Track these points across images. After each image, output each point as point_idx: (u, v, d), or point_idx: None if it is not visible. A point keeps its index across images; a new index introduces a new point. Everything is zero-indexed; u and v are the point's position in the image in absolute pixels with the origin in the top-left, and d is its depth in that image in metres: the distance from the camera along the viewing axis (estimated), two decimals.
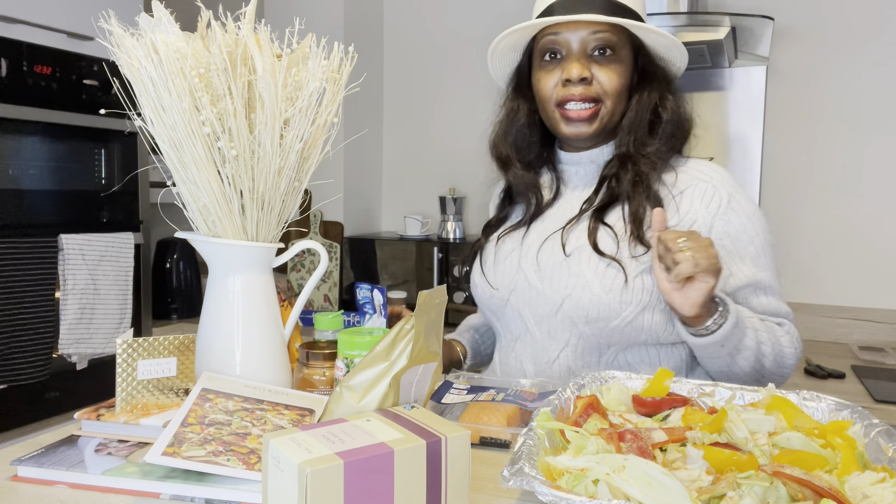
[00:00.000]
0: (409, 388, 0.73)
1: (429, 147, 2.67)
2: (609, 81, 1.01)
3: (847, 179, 2.03)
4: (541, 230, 1.10)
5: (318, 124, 0.89)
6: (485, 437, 0.86)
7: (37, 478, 0.73)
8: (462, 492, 0.64)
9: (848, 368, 1.70)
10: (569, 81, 1.01)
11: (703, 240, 0.90)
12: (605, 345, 1.04)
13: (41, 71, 1.65)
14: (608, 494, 0.58)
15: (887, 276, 2.00)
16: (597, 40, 1.00)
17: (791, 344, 1.01)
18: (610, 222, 1.03)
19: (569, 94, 1.01)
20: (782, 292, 1.06)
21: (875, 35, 1.97)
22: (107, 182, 1.84)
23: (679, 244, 0.89)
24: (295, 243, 1.17)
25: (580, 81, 1.00)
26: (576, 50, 1.01)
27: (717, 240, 1.01)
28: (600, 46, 1.01)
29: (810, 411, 0.79)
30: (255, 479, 0.69)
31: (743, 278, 1.02)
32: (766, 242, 1.04)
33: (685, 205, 1.04)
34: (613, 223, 1.03)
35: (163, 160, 0.85)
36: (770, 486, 0.58)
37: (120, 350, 0.84)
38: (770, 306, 1.03)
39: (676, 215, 1.03)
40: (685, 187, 1.05)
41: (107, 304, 1.78)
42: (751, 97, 2.10)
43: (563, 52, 1.02)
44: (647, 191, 1.02)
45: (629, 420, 0.76)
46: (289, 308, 1.12)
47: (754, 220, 1.04)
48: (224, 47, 0.80)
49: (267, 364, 0.88)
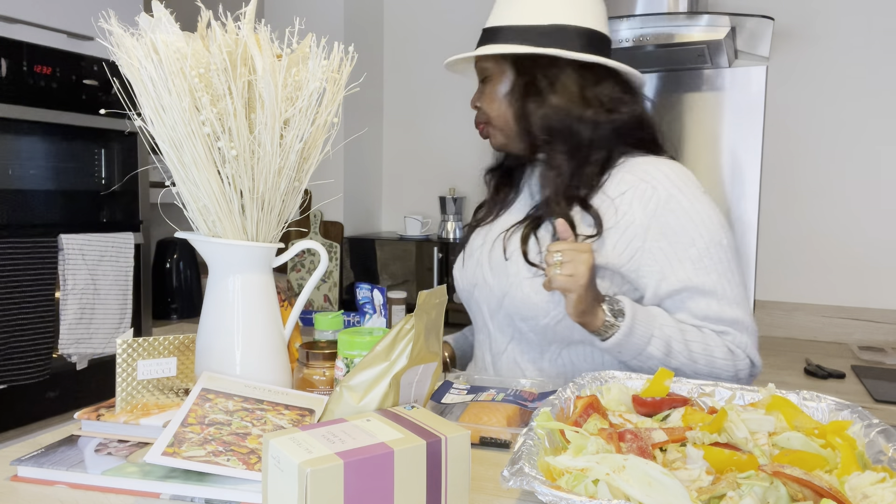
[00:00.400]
0: (409, 388, 0.73)
1: (429, 147, 2.67)
2: (488, 105, 1.10)
3: (847, 179, 2.03)
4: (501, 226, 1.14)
5: (318, 124, 0.89)
6: (485, 437, 0.86)
7: (37, 478, 0.73)
8: (462, 492, 0.64)
9: (848, 368, 1.70)
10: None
11: (580, 254, 0.92)
12: (544, 342, 1.07)
13: (41, 71, 1.65)
14: (608, 494, 0.58)
15: (887, 276, 2.00)
16: (480, 71, 1.12)
17: (726, 357, 0.97)
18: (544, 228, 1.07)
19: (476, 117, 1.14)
20: (739, 297, 1.00)
21: (875, 35, 1.97)
22: (107, 182, 1.84)
23: (554, 257, 0.93)
24: (295, 243, 1.17)
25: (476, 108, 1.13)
26: (478, 80, 1.14)
27: (654, 241, 1.00)
28: (482, 76, 1.12)
29: (810, 411, 0.79)
30: (255, 479, 0.69)
31: (676, 282, 0.99)
32: (712, 244, 0.99)
33: (624, 206, 1.02)
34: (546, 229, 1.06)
35: (163, 160, 0.85)
36: (770, 486, 0.58)
37: (120, 350, 0.84)
38: (710, 311, 0.99)
39: (614, 217, 1.02)
40: (627, 188, 1.03)
41: (107, 304, 1.78)
42: (751, 97, 2.10)
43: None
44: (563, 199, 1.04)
45: (629, 420, 0.77)
46: (289, 308, 1.12)
47: (698, 221, 1.00)
48: (224, 47, 0.80)
49: (267, 364, 0.88)
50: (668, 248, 1.00)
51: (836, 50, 2.02)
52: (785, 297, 2.10)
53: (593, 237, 1.01)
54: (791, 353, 1.87)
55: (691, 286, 0.99)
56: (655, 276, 1.00)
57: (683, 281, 0.99)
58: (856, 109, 2.00)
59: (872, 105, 1.99)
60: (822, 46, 2.03)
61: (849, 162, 2.02)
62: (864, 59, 1.99)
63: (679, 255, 0.99)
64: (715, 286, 0.99)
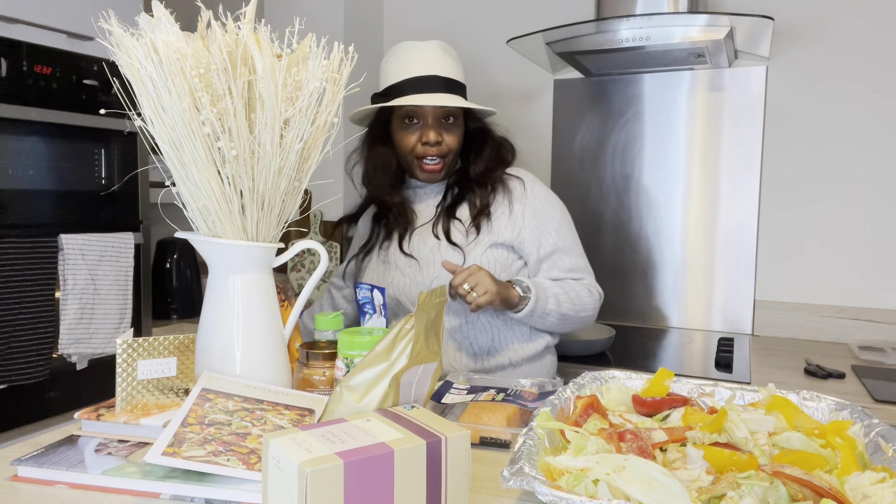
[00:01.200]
0: (409, 388, 0.73)
1: None
2: (453, 141, 1.40)
3: (847, 179, 2.02)
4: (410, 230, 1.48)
5: (318, 124, 0.89)
6: (485, 437, 0.86)
7: (37, 478, 0.73)
8: (462, 492, 0.64)
9: (848, 368, 1.70)
10: (426, 143, 1.37)
11: (477, 274, 1.21)
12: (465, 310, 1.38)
13: (41, 71, 1.65)
14: (608, 494, 0.58)
15: (887, 276, 2.00)
16: (445, 112, 1.38)
17: (588, 294, 1.38)
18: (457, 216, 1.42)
19: (426, 151, 1.38)
20: (582, 252, 1.44)
21: (875, 35, 1.97)
22: (107, 182, 1.84)
23: (464, 288, 1.20)
24: (295, 243, 1.17)
25: (435, 144, 1.37)
26: (431, 120, 1.37)
27: (530, 216, 1.39)
28: (446, 115, 1.38)
29: (810, 411, 0.79)
30: (255, 479, 0.69)
31: (549, 245, 1.39)
32: (563, 218, 1.43)
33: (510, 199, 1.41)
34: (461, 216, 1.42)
35: (163, 160, 0.85)
36: (770, 486, 0.58)
37: (120, 350, 0.84)
38: (571, 264, 1.40)
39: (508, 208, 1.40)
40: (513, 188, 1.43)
41: (107, 304, 1.78)
42: (751, 97, 2.10)
43: (419, 119, 1.38)
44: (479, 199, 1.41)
45: (629, 420, 0.77)
46: (289, 308, 1.12)
47: (551, 202, 1.43)
48: (224, 47, 0.80)
49: (267, 364, 0.88)
50: (539, 223, 1.40)
51: (836, 50, 2.02)
52: (785, 297, 2.10)
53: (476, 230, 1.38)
54: (791, 353, 1.87)
55: (558, 248, 1.39)
56: (534, 244, 1.39)
57: (553, 244, 1.39)
58: (856, 109, 2.00)
59: (872, 105, 1.99)
60: (822, 46, 2.03)
61: (848, 162, 2.02)
62: (864, 59, 1.99)
63: (546, 227, 1.40)
64: (571, 245, 1.42)
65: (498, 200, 1.41)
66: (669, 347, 1.95)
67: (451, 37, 2.54)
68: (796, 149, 2.08)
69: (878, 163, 1.99)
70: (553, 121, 2.37)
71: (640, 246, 2.26)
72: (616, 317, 2.29)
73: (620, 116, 2.26)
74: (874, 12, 1.97)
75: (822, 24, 2.03)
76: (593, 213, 2.30)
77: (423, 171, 1.40)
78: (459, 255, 1.37)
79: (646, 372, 1.37)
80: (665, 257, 2.23)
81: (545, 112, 2.40)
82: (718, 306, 2.17)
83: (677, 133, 2.19)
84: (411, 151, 1.39)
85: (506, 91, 2.46)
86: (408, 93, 1.36)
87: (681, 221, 2.20)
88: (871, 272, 2.01)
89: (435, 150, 1.38)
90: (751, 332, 2.13)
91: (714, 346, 1.95)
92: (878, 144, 1.99)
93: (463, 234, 1.39)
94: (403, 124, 1.39)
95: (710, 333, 2.13)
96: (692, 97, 2.17)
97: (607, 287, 2.31)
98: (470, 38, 2.50)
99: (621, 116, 2.26)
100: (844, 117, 2.02)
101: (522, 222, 1.39)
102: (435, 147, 1.37)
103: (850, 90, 2.01)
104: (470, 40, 2.50)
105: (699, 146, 2.17)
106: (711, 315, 2.18)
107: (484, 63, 2.48)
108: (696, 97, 2.16)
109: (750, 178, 2.12)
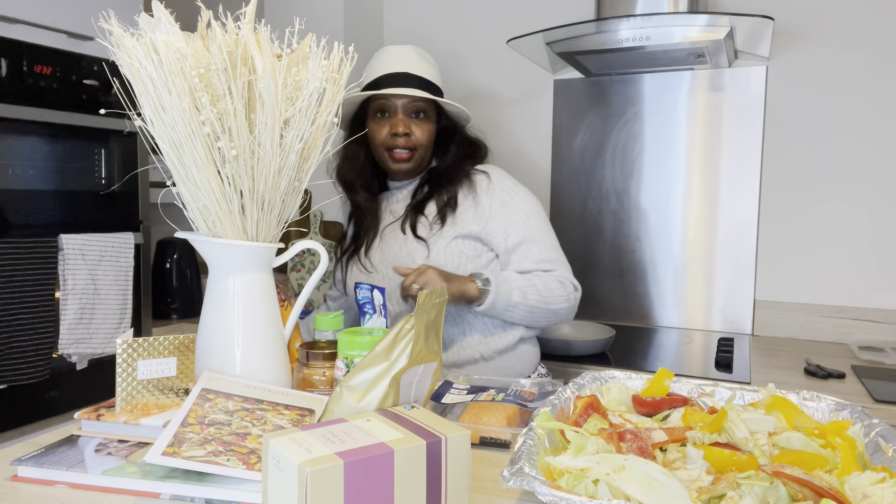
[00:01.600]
0: (409, 388, 0.73)
1: None
2: (423, 135, 1.41)
3: (847, 179, 2.02)
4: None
5: (318, 124, 0.89)
6: (485, 437, 0.86)
7: (37, 478, 0.73)
8: (462, 492, 0.64)
9: (848, 368, 1.70)
10: (395, 134, 1.39)
11: (427, 273, 1.24)
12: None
13: (41, 71, 1.65)
14: (608, 494, 0.58)
15: (887, 276, 2.00)
16: (414, 107, 1.40)
17: (559, 287, 1.37)
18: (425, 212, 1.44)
19: (395, 142, 1.40)
20: (555, 244, 1.43)
21: (875, 35, 1.97)
22: (107, 182, 1.84)
23: (414, 289, 1.23)
24: (295, 243, 1.17)
25: (403, 135, 1.39)
26: (401, 113, 1.40)
27: (496, 211, 1.40)
28: (416, 111, 1.40)
29: (810, 411, 0.79)
30: (255, 479, 0.69)
31: (517, 236, 1.39)
32: (532, 209, 1.42)
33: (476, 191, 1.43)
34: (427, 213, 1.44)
35: (163, 160, 0.85)
36: (770, 486, 0.58)
37: (120, 350, 0.84)
38: (541, 255, 1.39)
39: (474, 200, 1.42)
40: (478, 181, 1.44)
41: (107, 304, 1.78)
42: (751, 97, 2.10)
43: (390, 112, 1.40)
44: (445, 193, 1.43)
45: (629, 420, 0.77)
46: (289, 308, 1.12)
47: (519, 194, 1.43)
48: (224, 47, 0.80)
49: (267, 364, 0.88)
50: (507, 214, 1.40)
51: (836, 50, 2.02)
52: (785, 297, 2.10)
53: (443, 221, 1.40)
54: (791, 353, 1.87)
55: (526, 238, 1.39)
56: (502, 235, 1.39)
57: (521, 235, 1.39)
58: (855, 109, 2.00)
59: (872, 105, 1.98)
60: (822, 46, 2.03)
61: (849, 162, 2.02)
62: (863, 59, 1.99)
63: (514, 218, 1.40)
64: (541, 236, 1.41)
65: (464, 193, 1.43)
66: (669, 347, 1.95)
67: (451, 37, 2.54)
68: (796, 148, 2.08)
69: (878, 163, 1.99)
70: (553, 121, 2.37)
71: (640, 246, 2.26)
72: (616, 317, 2.29)
73: (620, 116, 2.26)
74: (874, 12, 1.97)
75: (822, 24, 2.03)
76: (593, 212, 2.30)
77: (394, 160, 1.42)
78: (424, 249, 1.39)
79: (646, 372, 1.37)
80: (665, 257, 2.23)
81: (545, 112, 2.40)
82: (718, 306, 2.17)
83: (677, 133, 2.19)
84: (382, 144, 1.41)
85: (506, 91, 2.46)
86: (382, 87, 1.39)
87: (681, 221, 2.20)
88: (871, 272, 2.01)
89: (403, 142, 1.39)
90: (751, 332, 2.13)
91: (714, 346, 1.95)
92: (878, 144, 1.99)
93: (428, 227, 1.41)
94: (376, 118, 1.42)
95: (710, 333, 2.13)
96: (692, 97, 2.17)
97: (607, 287, 2.31)
98: (470, 38, 2.50)
99: (621, 116, 2.26)
100: (844, 117, 2.02)
101: (489, 213, 1.39)
102: (403, 138, 1.39)
103: (850, 90, 2.01)
104: (470, 40, 2.50)
105: (699, 146, 2.17)
106: (711, 315, 2.18)
107: (484, 63, 2.48)
108: (696, 97, 2.16)
109: (750, 177, 2.12)
